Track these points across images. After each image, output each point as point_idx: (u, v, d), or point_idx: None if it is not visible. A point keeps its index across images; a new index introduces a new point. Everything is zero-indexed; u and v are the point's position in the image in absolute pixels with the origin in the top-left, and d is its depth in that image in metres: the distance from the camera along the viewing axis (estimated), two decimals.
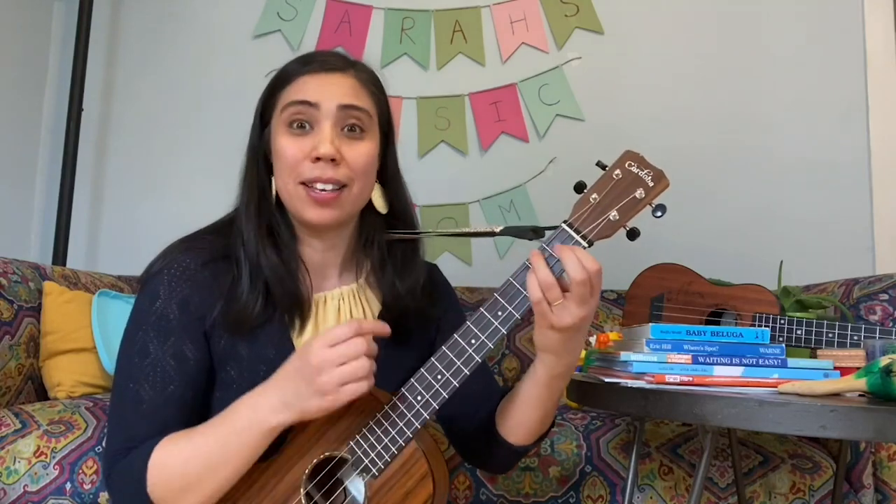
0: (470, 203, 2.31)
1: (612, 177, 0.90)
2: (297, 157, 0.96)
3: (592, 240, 0.89)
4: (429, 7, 2.39)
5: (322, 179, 0.96)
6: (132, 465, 0.89)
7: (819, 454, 1.43)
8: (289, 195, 0.99)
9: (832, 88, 2.24)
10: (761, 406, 0.82)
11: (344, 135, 0.98)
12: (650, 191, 0.90)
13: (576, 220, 0.89)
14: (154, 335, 0.95)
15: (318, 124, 0.97)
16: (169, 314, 0.95)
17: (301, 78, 1.00)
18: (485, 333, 0.89)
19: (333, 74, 1.01)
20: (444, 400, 0.89)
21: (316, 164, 0.96)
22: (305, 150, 0.96)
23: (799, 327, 1.31)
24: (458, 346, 0.89)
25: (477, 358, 0.89)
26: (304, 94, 0.98)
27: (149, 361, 0.94)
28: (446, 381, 0.89)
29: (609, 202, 0.89)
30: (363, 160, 0.99)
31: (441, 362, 0.89)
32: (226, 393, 0.97)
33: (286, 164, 0.97)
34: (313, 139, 0.97)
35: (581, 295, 0.85)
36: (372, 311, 1.07)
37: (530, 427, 1.00)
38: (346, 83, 1.00)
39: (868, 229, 2.17)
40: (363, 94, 1.01)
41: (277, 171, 1.00)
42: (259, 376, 0.96)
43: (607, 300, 2.01)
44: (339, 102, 0.98)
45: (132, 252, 2.33)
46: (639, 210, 0.90)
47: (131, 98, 2.51)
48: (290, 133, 0.98)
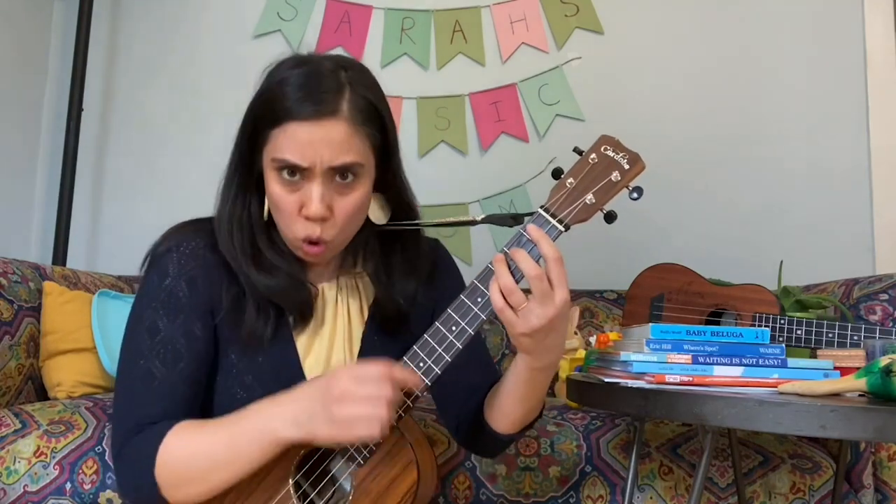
0: (470, 203, 2.31)
1: (587, 161, 0.92)
2: (290, 211, 0.94)
3: (569, 224, 0.90)
4: (429, 7, 2.39)
5: (312, 238, 0.95)
6: (145, 444, 0.90)
7: (819, 454, 1.43)
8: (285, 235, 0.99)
9: (832, 89, 2.23)
10: (761, 406, 0.82)
11: (335, 183, 0.94)
12: (626, 173, 0.91)
13: (552, 205, 0.90)
14: (164, 312, 0.96)
15: (308, 181, 0.93)
16: (178, 291, 0.96)
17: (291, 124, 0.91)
18: (465, 320, 0.90)
19: (324, 122, 0.91)
20: (426, 387, 0.90)
21: (306, 223, 0.94)
22: (297, 204, 0.94)
23: (799, 327, 1.31)
24: (440, 333, 0.90)
25: (458, 344, 0.90)
26: (293, 153, 0.91)
27: (159, 338, 0.95)
28: (428, 368, 0.90)
29: (585, 186, 0.90)
30: (352, 209, 0.96)
31: (423, 349, 0.91)
32: (226, 377, 0.99)
33: (281, 213, 0.96)
34: (303, 194, 0.93)
35: (541, 291, 0.84)
36: (368, 300, 1.08)
37: (515, 418, 1.01)
38: (337, 134, 0.92)
39: (868, 229, 2.17)
40: (356, 141, 0.93)
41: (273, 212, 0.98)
42: (256, 363, 0.98)
43: (607, 300, 2.02)
44: (330, 165, 0.91)
45: (132, 252, 2.30)
46: (615, 193, 0.91)
47: (131, 98, 2.51)
48: (280, 181, 0.94)
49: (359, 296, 1.08)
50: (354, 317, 1.07)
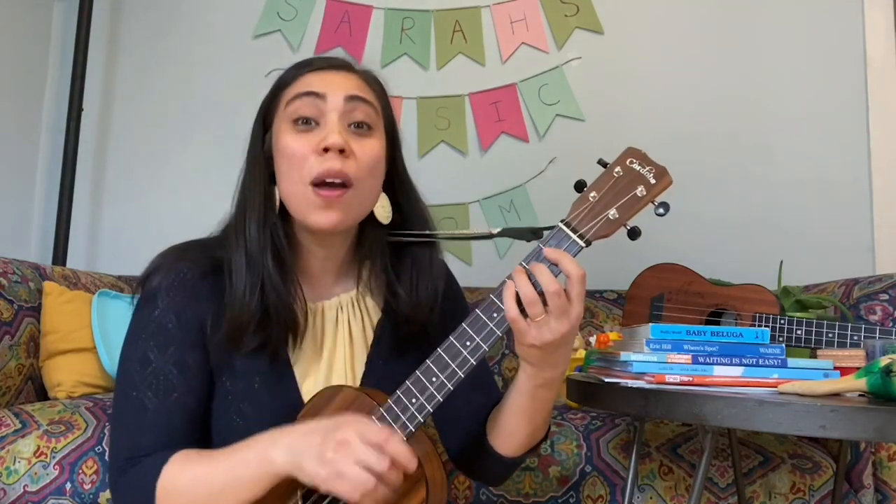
0: (470, 203, 2.31)
1: (612, 174, 0.88)
2: (304, 152, 0.92)
3: (590, 239, 0.87)
4: (429, 7, 2.39)
5: (332, 173, 0.91)
6: (141, 478, 0.88)
7: (819, 454, 1.43)
8: (295, 197, 0.94)
9: (832, 89, 2.23)
10: (761, 406, 0.82)
11: (351, 131, 0.95)
12: (652, 188, 0.88)
13: (573, 219, 0.87)
14: (154, 344, 0.94)
15: (325, 117, 0.94)
16: (167, 323, 0.94)
17: (305, 76, 0.98)
18: (480, 335, 0.87)
19: (338, 71, 0.99)
20: (438, 403, 0.87)
21: (324, 157, 0.91)
22: (312, 144, 0.93)
23: (799, 327, 1.31)
24: (454, 349, 0.87)
25: (472, 360, 0.87)
26: (310, 86, 0.96)
27: (150, 370, 0.93)
28: (441, 383, 0.87)
29: (608, 200, 0.87)
30: (371, 155, 0.95)
31: (436, 365, 0.87)
32: (221, 404, 0.96)
33: (293, 162, 0.93)
34: (320, 133, 0.93)
35: (558, 307, 0.82)
36: (371, 320, 1.05)
37: (518, 439, 0.98)
38: (351, 78, 0.99)
39: (868, 229, 2.17)
40: (369, 91, 0.99)
41: (282, 172, 0.95)
42: (253, 388, 0.95)
43: (607, 300, 2.02)
44: (346, 94, 0.95)
45: (132, 252, 2.33)
46: (639, 208, 0.88)
47: (131, 98, 2.51)
48: (295, 130, 0.94)
49: (362, 316, 1.04)
50: (357, 337, 1.03)
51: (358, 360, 1.02)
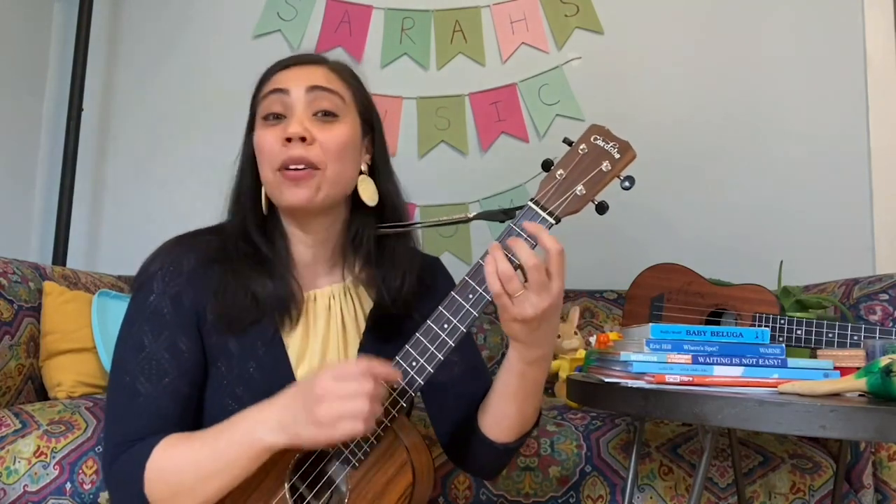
0: (470, 203, 2.31)
1: (577, 152, 0.91)
2: (271, 143, 0.98)
3: (559, 216, 0.89)
4: (429, 7, 2.39)
5: (293, 159, 0.97)
6: (131, 462, 0.89)
7: (819, 454, 1.43)
8: (269, 185, 1.00)
9: (832, 88, 2.24)
10: (761, 406, 0.82)
11: (317, 119, 0.99)
12: (616, 163, 0.90)
13: (542, 198, 0.90)
14: (148, 329, 0.95)
15: (290, 110, 0.99)
16: (162, 308, 0.96)
17: (275, 75, 1.04)
18: (457, 317, 0.89)
19: (306, 66, 1.04)
20: (419, 386, 0.90)
21: (288, 146, 0.97)
22: (278, 135, 0.98)
23: (799, 327, 1.31)
24: (432, 332, 0.89)
25: (450, 342, 0.89)
26: (276, 83, 1.01)
27: (144, 355, 0.94)
28: (421, 367, 0.89)
29: (575, 177, 0.90)
30: (336, 142, 0.99)
31: (415, 349, 0.90)
32: (216, 389, 0.98)
33: (263, 153, 0.99)
34: (285, 125, 0.99)
35: (538, 282, 0.83)
36: (363, 309, 1.07)
37: (509, 421, 0.98)
38: (317, 71, 1.03)
39: (868, 229, 2.17)
40: (335, 80, 1.03)
41: (259, 165, 1.01)
42: (248, 373, 0.97)
43: (607, 300, 2.02)
44: (308, 84, 1.00)
45: (132, 252, 2.31)
46: (606, 183, 0.90)
47: (131, 98, 2.51)
48: (265, 125, 1.00)
49: (354, 304, 1.07)
50: (349, 325, 1.06)
51: (351, 347, 1.05)
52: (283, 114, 1.00)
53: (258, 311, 0.98)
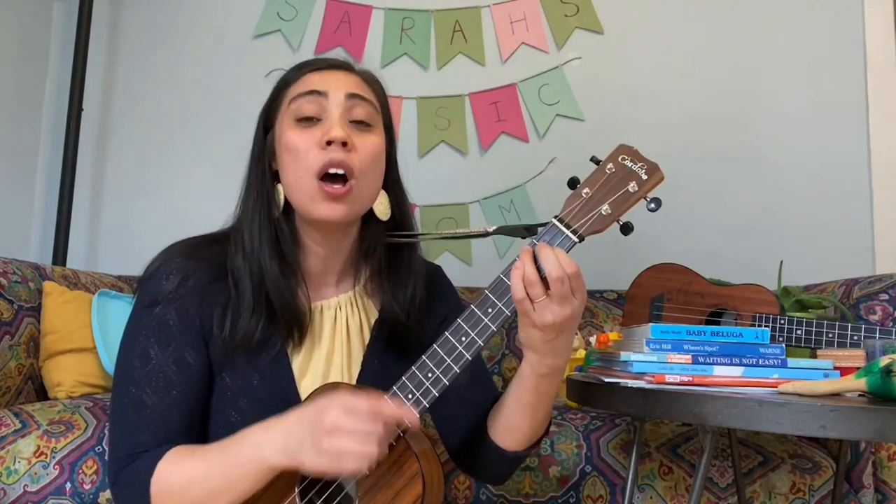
0: (470, 203, 2.31)
1: (604, 171, 0.90)
2: (308, 146, 0.94)
3: (583, 235, 0.88)
4: (429, 7, 2.39)
5: (334, 163, 0.93)
6: (137, 475, 0.89)
7: (819, 454, 1.43)
8: (301, 191, 0.95)
9: (832, 89, 2.23)
10: (761, 406, 0.82)
11: (353, 127, 0.97)
12: (643, 184, 0.89)
13: (566, 216, 0.89)
14: (154, 340, 0.94)
15: (326, 113, 0.96)
16: (168, 320, 0.95)
17: (306, 76, 1.00)
18: (475, 330, 0.88)
19: (339, 71, 1.02)
20: (434, 398, 0.88)
21: (327, 149, 0.93)
22: (316, 138, 0.95)
23: (799, 327, 1.31)
24: (449, 344, 0.89)
25: (467, 355, 0.88)
26: (312, 85, 0.98)
27: (151, 367, 0.93)
28: (436, 378, 0.88)
29: (601, 196, 0.89)
30: (373, 150, 0.98)
31: (432, 360, 0.89)
32: (220, 400, 0.97)
33: (297, 156, 0.95)
34: (322, 128, 0.95)
35: (560, 293, 0.83)
36: (369, 320, 1.06)
37: (521, 432, 0.98)
38: (351, 77, 1.01)
39: (868, 229, 2.17)
40: (368, 90, 1.02)
41: (286, 167, 0.97)
42: (252, 385, 0.96)
43: (607, 300, 2.02)
44: (347, 91, 0.98)
45: (132, 252, 2.33)
46: (632, 204, 0.89)
47: (131, 98, 2.51)
48: (297, 127, 0.96)
49: (359, 314, 1.05)
50: (354, 337, 1.04)
51: (355, 359, 1.03)
52: (317, 116, 0.97)
53: (265, 332, 0.97)
